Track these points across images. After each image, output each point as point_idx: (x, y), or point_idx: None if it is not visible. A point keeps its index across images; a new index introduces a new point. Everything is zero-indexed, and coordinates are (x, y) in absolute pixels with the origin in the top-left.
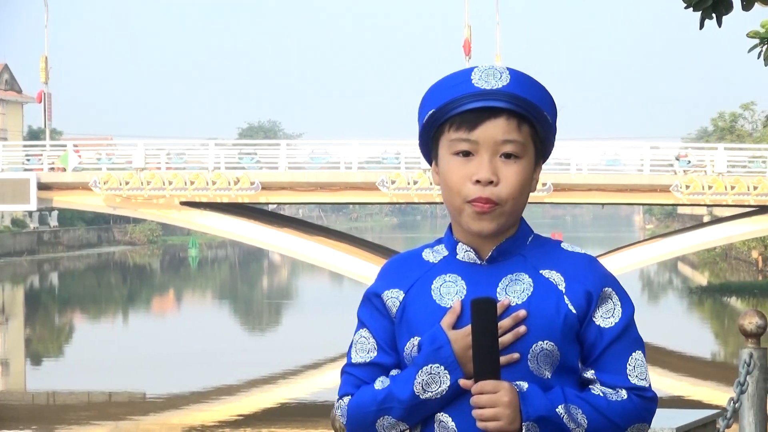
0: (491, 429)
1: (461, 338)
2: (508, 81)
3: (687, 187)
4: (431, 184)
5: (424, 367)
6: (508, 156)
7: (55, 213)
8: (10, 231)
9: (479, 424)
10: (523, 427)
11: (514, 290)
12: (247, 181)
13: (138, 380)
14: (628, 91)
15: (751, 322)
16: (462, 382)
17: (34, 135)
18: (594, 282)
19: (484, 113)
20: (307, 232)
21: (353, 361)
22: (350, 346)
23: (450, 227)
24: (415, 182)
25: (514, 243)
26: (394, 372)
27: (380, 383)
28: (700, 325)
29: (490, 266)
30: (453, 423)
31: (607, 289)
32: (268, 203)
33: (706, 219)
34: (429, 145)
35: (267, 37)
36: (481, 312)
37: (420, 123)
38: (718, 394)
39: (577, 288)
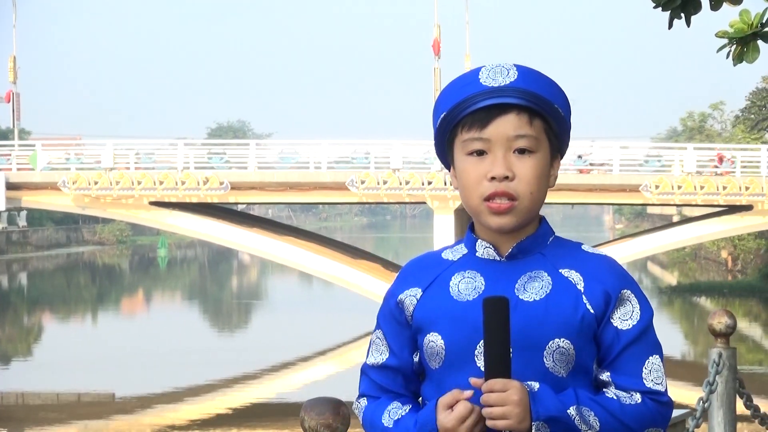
0: (500, 428)
1: (451, 422)
2: (515, 77)
3: (656, 187)
4: (401, 183)
5: None
6: (522, 151)
7: (23, 213)
8: None
9: (489, 423)
10: (533, 427)
11: (532, 287)
12: (216, 181)
13: (107, 380)
14: (596, 91)
15: (720, 321)
16: (473, 380)
17: (3, 135)
18: (613, 283)
19: (494, 110)
20: (277, 232)
21: (368, 361)
22: (370, 344)
23: (470, 227)
24: (385, 182)
25: (534, 241)
26: (400, 412)
27: (387, 417)
28: (669, 324)
29: (509, 263)
30: None
31: (626, 291)
32: (237, 203)
33: (675, 219)
34: (445, 151)
35: (235, 36)
36: (494, 311)
37: (434, 128)
38: (688, 394)
39: (595, 288)
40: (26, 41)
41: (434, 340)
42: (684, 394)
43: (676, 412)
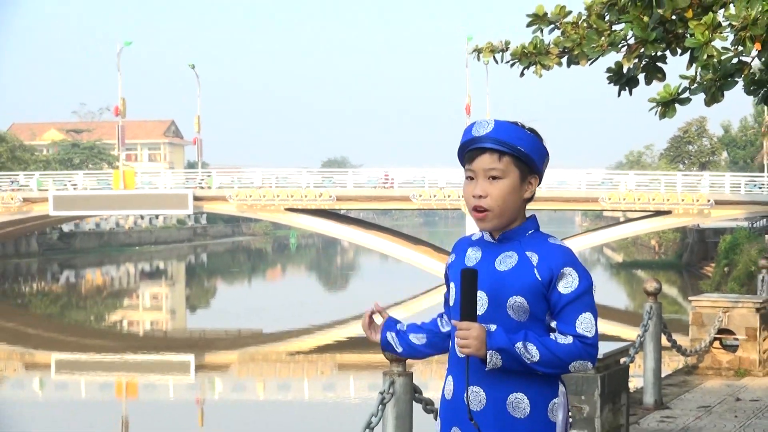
0: (465, 353)
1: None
2: (491, 129)
3: (609, 198)
4: (445, 197)
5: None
6: (494, 178)
7: (204, 215)
8: (176, 227)
9: (458, 351)
10: (488, 354)
11: (506, 262)
12: (327, 195)
13: (258, 321)
14: (572, 134)
15: (651, 285)
16: (453, 322)
17: (191, 166)
18: (557, 263)
19: (477, 151)
20: (365, 227)
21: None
22: None
23: None
24: (434, 196)
25: (515, 233)
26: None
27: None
28: (617, 287)
29: (498, 245)
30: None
31: (566, 269)
32: (340, 209)
33: (621, 219)
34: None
35: (336, 101)
36: (467, 278)
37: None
38: (629, 333)
39: (544, 265)
40: (206, 101)
41: (452, 288)
42: (627, 332)
43: (621, 344)
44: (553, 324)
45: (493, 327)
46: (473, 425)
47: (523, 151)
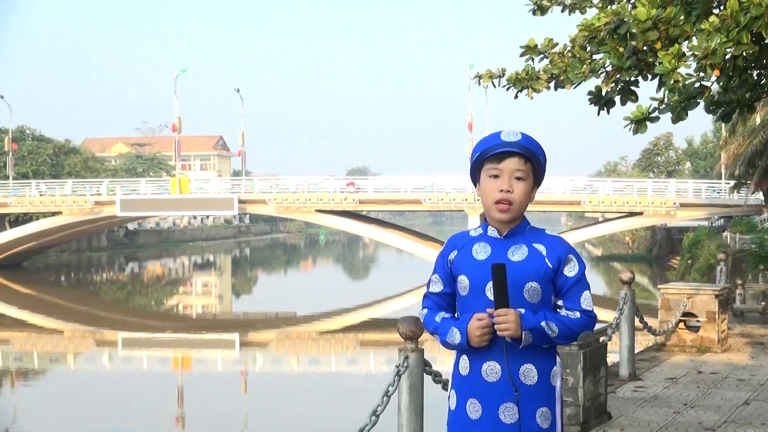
0: (506, 335)
1: (475, 324)
2: (520, 138)
3: (590, 201)
4: (451, 200)
5: (452, 328)
6: (518, 178)
7: (247, 216)
8: (223, 226)
9: (499, 333)
10: (523, 334)
11: (517, 253)
12: (351, 199)
13: (293, 305)
14: (558, 148)
15: (626, 275)
16: (489, 310)
17: (236, 174)
18: (562, 252)
19: (506, 154)
20: (383, 226)
21: (430, 290)
22: (428, 282)
23: (485, 219)
24: (442, 199)
25: (519, 229)
26: (446, 315)
27: (439, 317)
28: (597, 277)
29: (505, 240)
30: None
31: (570, 255)
32: (362, 210)
33: (600, 219)
34: (475, 175)
35: (359, 119)
36: (498, 270)
37: (471, 162)
38: (607, 316)
39: (552, 254)
40: (249, 118)
41: (463, 280)
42: (605, 315)
43: (600, 326)
44: (560, 302)
45: (522, 311)
46: (515, 397)
47: (542, 162)
